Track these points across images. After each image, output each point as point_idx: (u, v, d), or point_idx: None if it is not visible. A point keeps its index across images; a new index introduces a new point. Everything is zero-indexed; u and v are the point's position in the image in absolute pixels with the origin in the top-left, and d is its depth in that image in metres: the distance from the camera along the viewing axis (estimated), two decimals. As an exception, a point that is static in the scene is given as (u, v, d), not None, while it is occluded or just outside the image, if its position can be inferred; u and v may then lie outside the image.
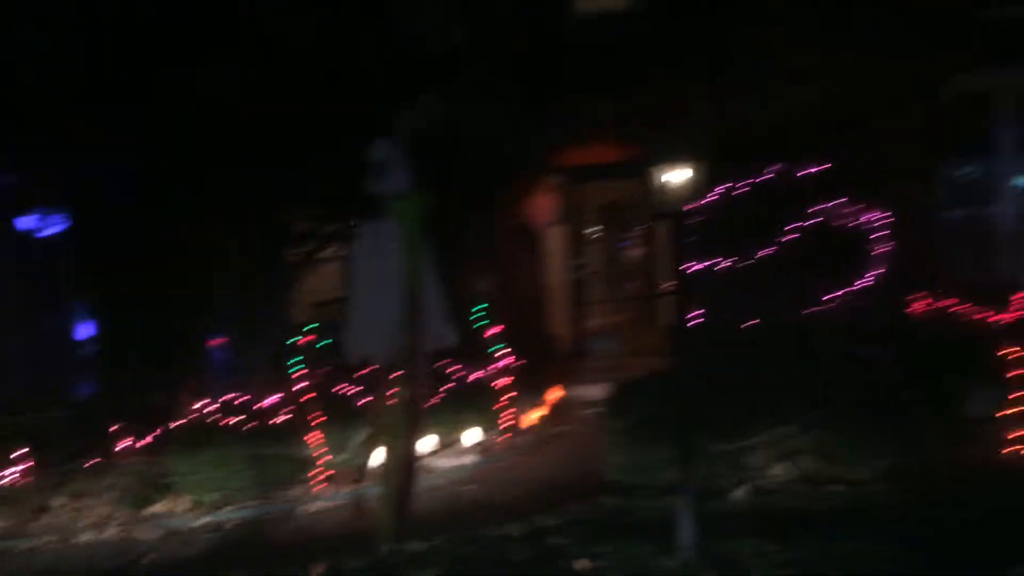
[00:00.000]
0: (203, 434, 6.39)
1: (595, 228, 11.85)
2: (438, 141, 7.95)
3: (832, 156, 7.71)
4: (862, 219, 8.08)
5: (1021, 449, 5.96)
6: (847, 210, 8.09)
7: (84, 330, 7.14)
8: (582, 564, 4.62)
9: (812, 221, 8.01)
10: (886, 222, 7.95)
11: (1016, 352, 6.14)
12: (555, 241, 10.67)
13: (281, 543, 5.69)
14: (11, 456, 6.33)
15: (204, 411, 6.67)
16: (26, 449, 6.34)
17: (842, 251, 7.69)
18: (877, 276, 7.77)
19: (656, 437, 5.88)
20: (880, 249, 7.83)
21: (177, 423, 6.60)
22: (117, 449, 6.46)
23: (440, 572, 4.68)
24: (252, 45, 6.71)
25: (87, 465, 6.42)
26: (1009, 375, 6.11)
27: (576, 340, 10.31)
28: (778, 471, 5.79)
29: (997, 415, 6.12)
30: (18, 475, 6.31)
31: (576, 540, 4.99)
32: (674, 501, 4.75)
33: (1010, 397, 6.08)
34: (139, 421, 6.57)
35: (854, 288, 7.64)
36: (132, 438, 6.48)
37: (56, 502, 6.30)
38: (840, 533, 4.72)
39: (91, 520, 6.13)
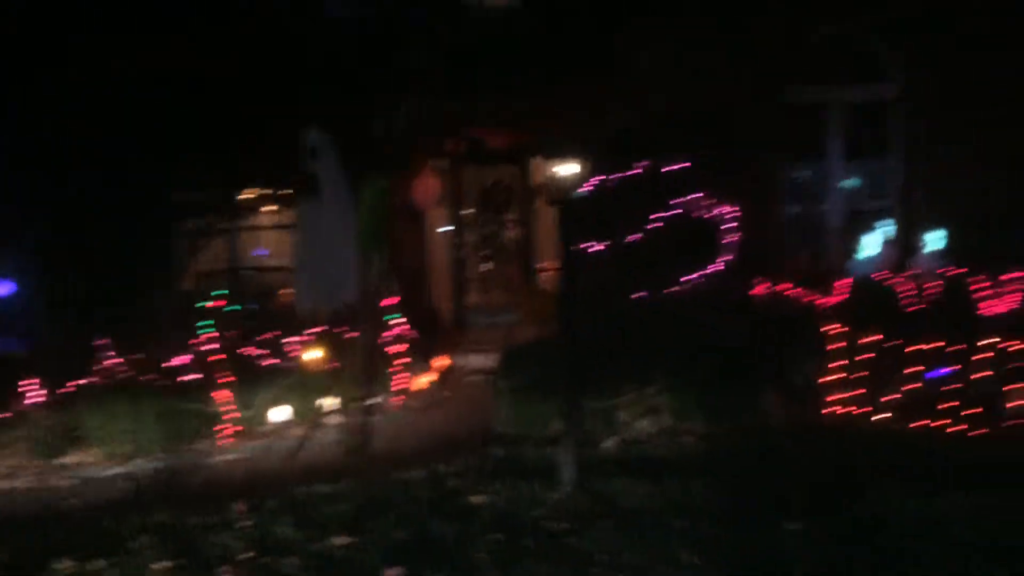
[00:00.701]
0: (115, 389, 6.72)
1: (477, 209, 12.57)
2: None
3: (691, 156, 8.78)
4: (716, 212, 9.20)
5: (837, 410, 7.18)
6: (704, 203, 9.20)
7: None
8: (479, 499, 5.38)
9: (675, 212, 9.09)
10: (735, 215, 9.10)
11: (836, 329, 7.34)
12: (439, 220, 11.35)
13: (193, 490, 6.14)
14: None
15: (116, 368, 6.98)
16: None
17: (699, 239, 8.78)
18: (728, 262, 8.91)
19: (539, 396, 6.75)
20: (731, 238, 8.97)
21: (88, 379, 6.88)
22: (28, 403, 6.69)
23: (351, 508, 5.32)
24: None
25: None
26: (830, 348, 7.31)
27: (458, 314, 11.05)
28: (642, 425, 6.76)
29: (820, 381, 7.32)
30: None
31: (472, 481, 5.73)
32: (555, 451, 5.61)
33: (830, 366, 7.29)
34: (50, 376, 6.81)
35: (708, 271, 8.76)
36: (44, 392, 6.72)
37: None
38: (690, 474, 5.68)
39: (5, 470, 6.37)
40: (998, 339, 7.10)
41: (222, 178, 8.47)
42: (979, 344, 7.06)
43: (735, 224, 8.89)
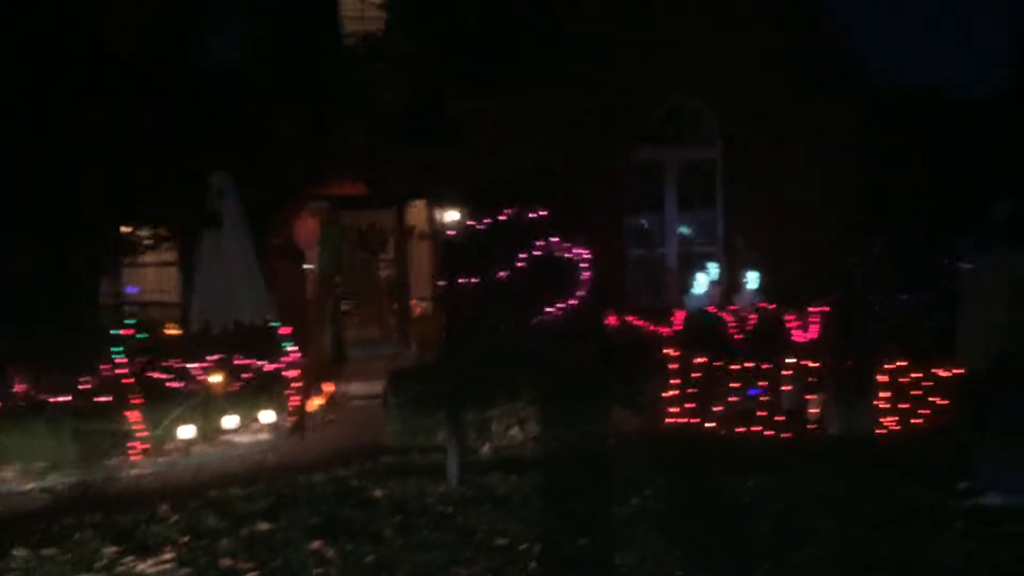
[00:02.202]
0: (31, 409, 7.24)
1: (355, 249, 13.48)
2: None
3: (549, 204, 10.15)
4: (571, 253, 10.56)
5: (675, 420, 8.53)
6: (560, 246, 10.55)
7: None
8: (378, 493, 6.35)
9: (536, 252, 10.39)
10: (587, 256, 10.50)
11: (673, 354, 8.72)
12: (321, 260, 12.19)
13: (110, 501, 6.70)
14: None
15: (31, 389, 7.49)
16: None
17: (558, 276, 10.10)
18: (582, 297, 10.27)
19: (424, 411, 7.78)
20: (584, 276, 10.33)
21: (2, 401, 7.36)
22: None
23: (267, 504, 6.16)
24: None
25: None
26: (669, 368, 8.68)
27: (339, 346, 11.87)
28: (512, 433, 7.88)
29: (663, 396, 8.67)
30: None
31: (369, 481, 6.68)
32: (440, 457, 6.67)
33: (668, 384, 8.66)
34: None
35: (566, 305, 10.08)
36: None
37: None
38: (552, 468, 6.87)
39: (-81, 489, 6.76)
40: (802, 361, 8.65)
41: (130, 214, 9.07)
42: (786, 365, 8.59)
43: (587, 264, 10.26)
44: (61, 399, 7.43)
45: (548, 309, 9.93)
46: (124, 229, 10.39)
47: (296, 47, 10.37)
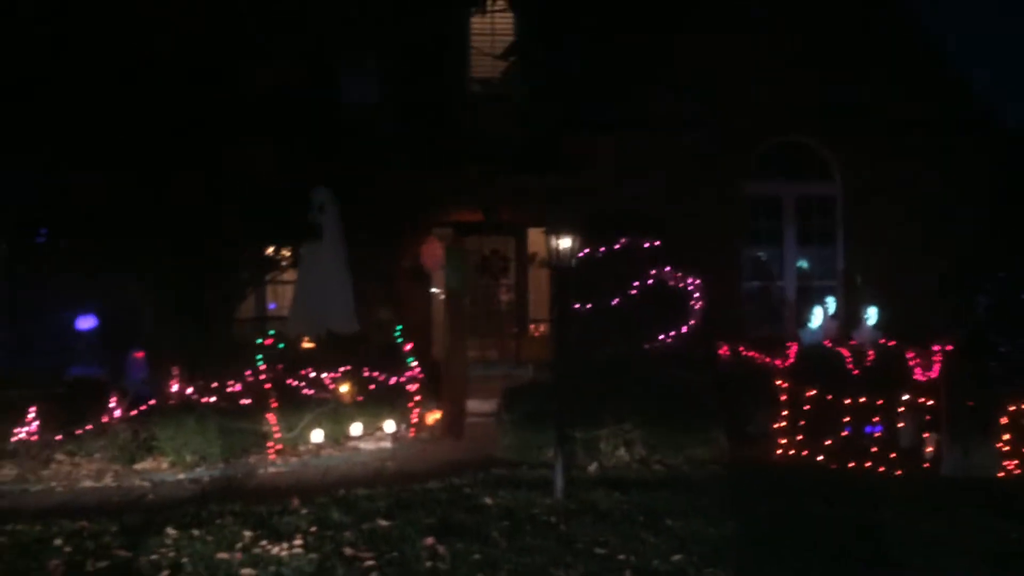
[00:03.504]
0: (181, 408, 8.08)
1: (477, 273, 14.06)
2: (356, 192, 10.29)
3: (663, 235, 10.41)
4: (683, 283, 10.77)
5: (786, 452, 8.58)
6: (673, 275, 10.78)
7: (83, 322, 8.63)
8: (488, 500, 6.75)
9: (649, 281, 10.66)
10: (699, 286, 10.67)
11: (786, 386, 8.79)
12: (445, 283, 12.82)
13: (248, 493, 7.38)
14: (25, 419, 7.79)
15: (183, 390, 8.34)
16: (34, 413, 7.81)
17: (670, 304, 10.33)
18: (694, 325, 10.44)
19: (535, 428, 8.16)
20: (697, 305, 10.51)
21: (159, 399, 8.24)
22: (107, 419, 8.01)
23: (387, 504, 6.66)
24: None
25: (84, 430, 7.93)
26: (781, 400, 8.75)
27: (460, 366, 12.42)
28: (619, 454, 8.14)
29: (774, 427, 8.75)
30: (25, 435, 7.77)
31: (480, 490, 7.10)
32: (548, 472, 7.02)
33: (781, 414, 8.73)
34: (126, 396, 8.16)
35: (678, 332, 10.29)
36: (121, 409, 8.06)
37: (59, 457, 7.79)
38: (655, 489, 7.09)
39: (89, 472, 7.67)
40: (921, 399, 8.55)
41: (267, 240, 9.94)
42: (903, 401, 8.51)
43: (699, 293, 10.44)
44: (209, 400, 8.23)
45: (659, 336, 10.16)
46: (268, 251, 11.32)
47: (425, 87, 11.09)
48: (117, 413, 8.10)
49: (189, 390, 8.39)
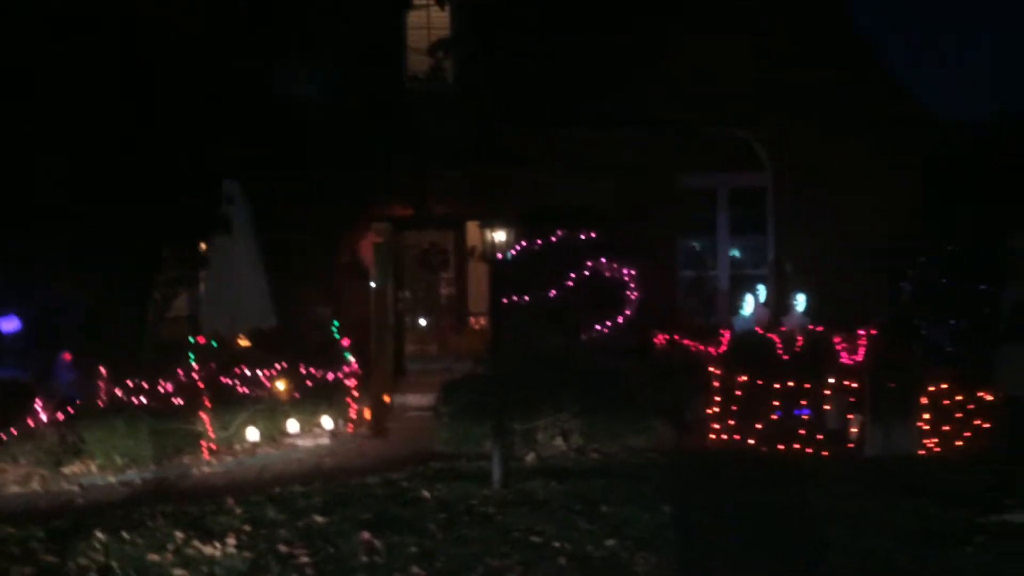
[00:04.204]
0: (111, 409, 7.91)
1: (415, 267, 14.04)
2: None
3: (600, 227, 10.53)
4: (619, 273, 10.90)
5: (719, 437, 8.75)
6: (609, 266, 10.90)
7: (5, 324, 8.37)
8: (424, 494, 6.77)
9: (584, 273, 10.77)
10: (634, 276, 10.82)
11: (719, 373, 8.96)
12: (379, 277, 12.76)
13: (182, 494, 7.25)
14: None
15: (112, 391, 8.17)
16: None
17: (606, 295, 10.45)
18: (629, 316, 10.59)
19: (473, 420, 8.20)
20: (631, 295, 10.66)
21: (86, 401, 8.05)
22: (33, 421, 7.80)
23: (323, 501, 6.63)
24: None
25: (7, 435, 7.71)
26: (714, 386, 8.92)
27: (397, 360, 12.39)
28: (557, 444, 8.23)
29: (708, 413, 8.91)
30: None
31: (417, 483, 7.11)
32: (487, 464, 7.06)
33: (714, 400, 8.90)
34: (52, 399, 7.96)
35: (615, 323, 10.43)
36: (47, 412, 7.85)
37: (-18, 463, 7.57)
38: (592, 478, 7.19)
39: (15, 477, 7.46)
40: (847, 382, 8.80)
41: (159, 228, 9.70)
42: (830, 385, 8.75)
43: (634, 284, 10.59)
44: (140, 400, 8.07)
45: (596, 327, 10.28)
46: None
47: (361, 82, 10.99)
48: (43, 416, 7.88)
49: (118, 391, 8.20)
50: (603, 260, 10.40)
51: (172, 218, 8.64)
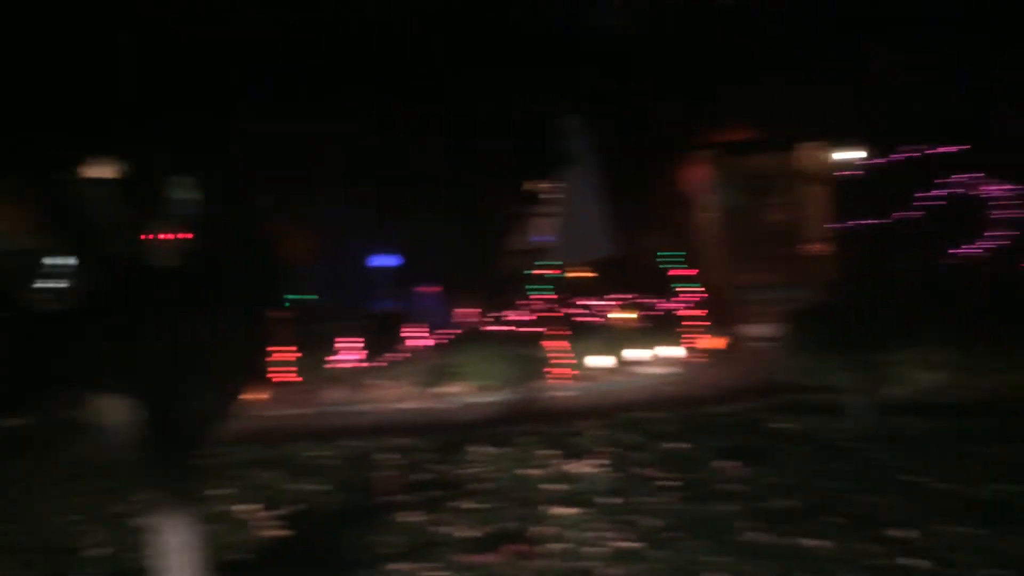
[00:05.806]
0: (473, 337, 8.67)
1: (747, 194, 13.57)
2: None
3: (967, 138, 9.36)
4: (983, 192, 9.69)
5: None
6: (971, 184, 9.69)
7: (388, 262, 9.59)
8: (779, 425, 6.63)
9: (944, 191, 9.69)
10: (1008, 194, 9.57)
11: None
12: (713, 205, 12.52)
13: (541, 415, 7.74)
14: (343, 348, 8.80)
15: (471, 321, 8.97)
16: (361, 344, 8.78)
17: (974, 216, 9.36)
18: (999, 237, 9.42)
19: (821, 351, 7.79)
20: (1002, 215, 9.44)
21: (454, 331, 8.90)
22: (410, 347, 8.80)
23: (675, 428, 6.74)
24: None
25: (390, 358, 8.79)
26: None
27: (733, 290, 12.16)
28: (920, 377, 7.60)
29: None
30: (354, 362, 8.78)
31: (768, 415, 6.99)
32: (837, 398, 6.71)
33: None
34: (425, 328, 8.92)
35: (984, 246, 9.33)
36: (422, 340, 8.81)
37: (369, 383, 8.70)
38: (969, 417, 6.57)
39: (396, 395, 8.49)
40: None
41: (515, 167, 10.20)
42: None
43: (1008, 203, 9.37)
44: (497, 329, 8.75)
45: (957, 251, 9.28)
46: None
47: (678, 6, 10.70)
48: (419, 343, 8.83)
49: (479, 321, 8.94)
50: (963, 177, 9.29)
51: (522, 155, 9.11)
